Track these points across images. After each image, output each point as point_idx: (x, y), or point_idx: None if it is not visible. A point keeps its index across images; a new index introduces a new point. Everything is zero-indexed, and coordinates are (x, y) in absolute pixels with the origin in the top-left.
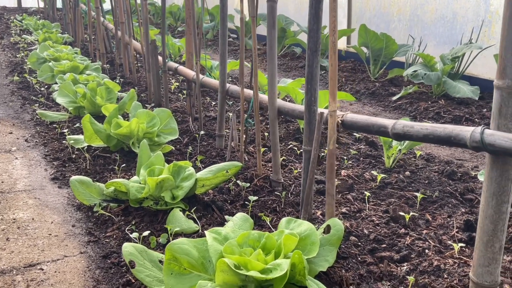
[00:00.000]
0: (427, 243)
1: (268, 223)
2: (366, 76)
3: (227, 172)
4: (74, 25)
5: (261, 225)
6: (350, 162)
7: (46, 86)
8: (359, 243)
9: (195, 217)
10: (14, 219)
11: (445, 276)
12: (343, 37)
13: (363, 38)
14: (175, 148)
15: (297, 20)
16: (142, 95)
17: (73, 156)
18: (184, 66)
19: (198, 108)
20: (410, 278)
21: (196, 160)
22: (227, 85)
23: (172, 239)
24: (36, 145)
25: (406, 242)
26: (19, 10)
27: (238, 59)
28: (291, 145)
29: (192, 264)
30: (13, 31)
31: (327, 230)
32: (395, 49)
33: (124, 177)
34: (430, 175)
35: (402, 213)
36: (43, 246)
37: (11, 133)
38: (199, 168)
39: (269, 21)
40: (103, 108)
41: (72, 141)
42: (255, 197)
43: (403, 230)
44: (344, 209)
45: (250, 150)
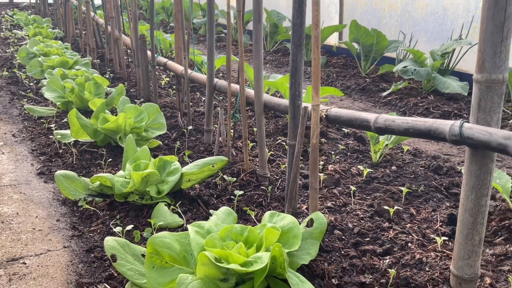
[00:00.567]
0: (410, 236)
1: (253, 217)
2: (357, 72)
3: (213, 166)
4: (65, 20)
5: (246, 219)
6: (338, 157)
7: (35, 81)
8: (343, 237)
9: (180, 211)
10: None
11: (427, 269)
12: (335, 33)
13: (354, 34)
14: (163, 143)
15: (289, 16)
16: (131, 90)
17: (60, 151)
18: (174, 61)
19: (187, 103)
20: (391, 271)
21: (184, 155)
22: (215, 80)
23: (156, 233)
24: (23, 140)
25: (390, 236)
26: (10, 5)
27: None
28: (279, 140)
29: (173, 258)
30: (4, 26)
31: (310, 223)
32: (386, 45)
33: (111, 172)
34: (417, 169)
35: (386, 207)
36: (26, 241)
37: None
38: (187, 163)
39: (254, 15)
40: (90, 103)
41: (59, 136)
42: (241, 192)
43: (387, 224)
44: (330, 203)
45: (239, 145)
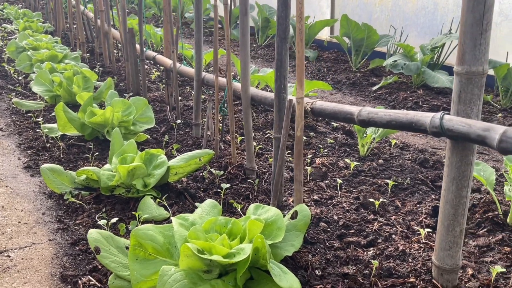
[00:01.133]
0: (394, 228)
1: (239, 210)
2: (348, 67)
3: (199, 160)
4: (55, 14)
5: (233, 212)
6: (326, 150)
7: (24, 75)
8: (328, 229)
9: (166, 204)
10: None
11: (410, 260)
12: (327, 28)
13: (345, 29)
14: (151, 137)
15: None
16: (121, 84)
17: (48, 145)
18: (163, 55)
19: (175, 97)
20: (374, 262)
21: (172, 149)
22: (203, 74)
23: (140, 226)
24: (10, 134)
25: (374, 228)
26: None
27: (220, 48)
28: (268, 134)
29: (157, 250)
30: None
31: (295, 215)
32: (377, 39)
33: (98, 166)
34: (403, 163)
35: (372, 200)
36: (11, 234)
37: None
38: (175, 156)
39: (241, 8)
40: (77, 97)
41: (47, 130)
42: (228, 185)
43: (372, 216)
44: (316, 196)
45: (227, 139)
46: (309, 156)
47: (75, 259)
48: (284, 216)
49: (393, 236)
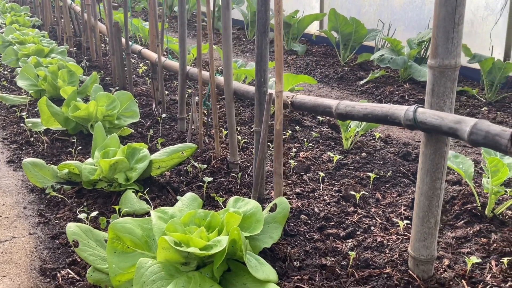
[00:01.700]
0: (374, 220)
1: (221, 203)
2: (337, 61)
3: (182, 153)
4: (43, 8)
5: (215, 206)
6: (311, 144)
7: (10, 70)
8: (309, 221)
9: (148, 198)
10: None
11: (387, 251)
12: (316, 22)
13: (333, 23)
14: (137, 131)
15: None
16: (107, 78)
17: (31, 139)
18: (149, 49)
19: (161, 91)
20: (351, 254)
21: (157, 143)
22: (188, 68)
23: (118, 219)
24: None
25: (354, 220)
26: None
27: (207, 42)
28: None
29: (135, 243)
30: None
31: (275, 208)
32: (365, 33)
33: (81, 160)
34: (386, 156)
35: (353, 192)
36: None
37: None
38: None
39: (223, 2)
40: (61, 91)
41: (31, 124)
42: (210, 179)
43: (352, 209)
44: (298, 189)
45: (212, 133)
46: (294, 150)
47: (55, 253)
48: (264, 209)
49: (372, 228)
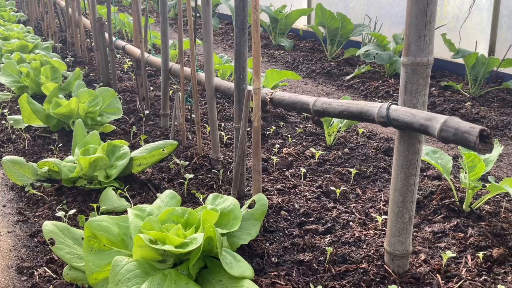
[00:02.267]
0: (353, 216)
1: (201, 200)
2: (323, 56)
3: (163, 150)
4: (28, 3)
5: (196, 203)
6: (294, 140)
7: None
8: (289, 217)
9: (129, 195)
10: None
11: (364, 246)
12: (304, 17)
13: (320, 18)
14: (120, 128)
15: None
16: (91, 74)
17: (13, 136)
18: (133, 44)
19: (145, 87)
20: (328, 249)
21: (140, 139)
22: (171, 64)
23: (94, 217)
24: None
25: (333, 215)
26: None
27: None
28: None
29: (111, 241)
30: None
31: (253, 205)
32: (351, 29)
33: (62, 157)
34: (368, 151)
35: (333, 188)
36: None
37: None
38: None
39: None
40: (43, 87)
41: (12, 121)
42: (192, 175)
43: (332, 204)
44: (280, 185)
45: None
46: (277, 146)
47: (33, 251)
48: (243, 205)
49: (351, 223)
